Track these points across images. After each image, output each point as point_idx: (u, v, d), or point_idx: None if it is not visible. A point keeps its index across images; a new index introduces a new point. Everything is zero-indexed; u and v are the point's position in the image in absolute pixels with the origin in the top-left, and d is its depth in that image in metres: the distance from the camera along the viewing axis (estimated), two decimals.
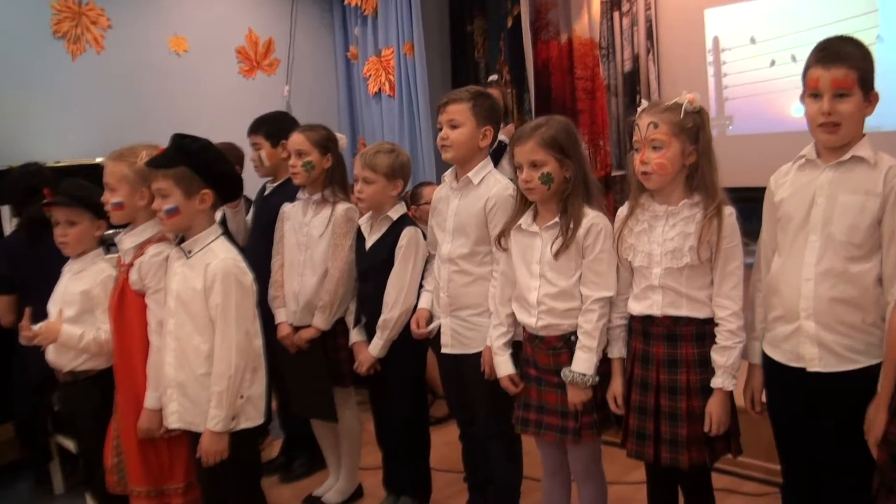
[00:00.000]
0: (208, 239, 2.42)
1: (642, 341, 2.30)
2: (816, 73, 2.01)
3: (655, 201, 2.27)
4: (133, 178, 2.54)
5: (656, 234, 2.24)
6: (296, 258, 3.13)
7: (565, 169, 2.35)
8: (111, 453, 2.63)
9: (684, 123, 2.17)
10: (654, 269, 2.24)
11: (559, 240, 2.36)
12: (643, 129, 2.20)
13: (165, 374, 2.43)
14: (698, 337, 2.23)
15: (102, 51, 4.86)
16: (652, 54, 5.28)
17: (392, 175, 2.93)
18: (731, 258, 2.19)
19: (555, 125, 2.38)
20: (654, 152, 2.19)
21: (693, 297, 2.22)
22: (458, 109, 2.65)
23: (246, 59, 5.55)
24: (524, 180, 2.37)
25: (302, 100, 5.70)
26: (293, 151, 3.10)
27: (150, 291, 2.50)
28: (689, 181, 2.23)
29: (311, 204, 3.13)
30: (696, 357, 2.22)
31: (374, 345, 2.94)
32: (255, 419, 2.42)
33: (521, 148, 2.37)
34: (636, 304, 2.30)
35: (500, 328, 2.55)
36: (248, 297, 2.40)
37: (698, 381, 2.22)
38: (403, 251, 2.90)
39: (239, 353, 2.33)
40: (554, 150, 2.34)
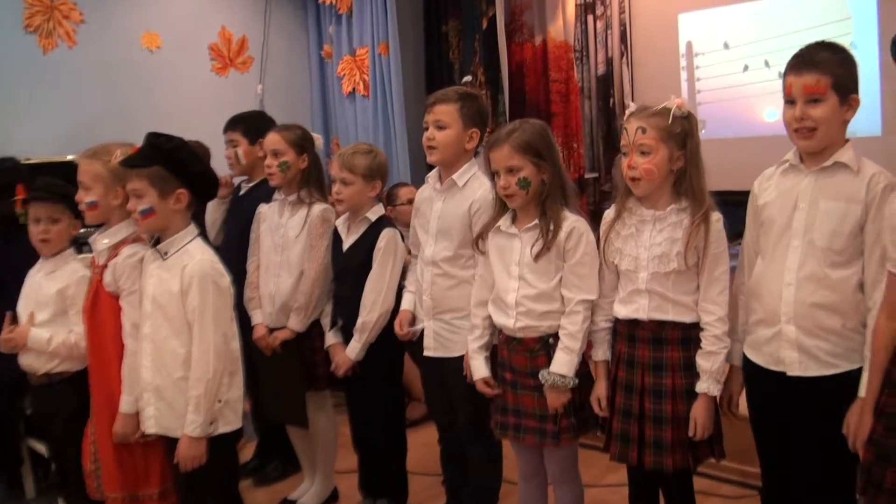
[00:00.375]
0: (185, 240, 2.39)
1: (627, 345, 2.30)
2: (790, 79, 2.04)
3: (643, 206, 2.27)
4: (107, 177, 2.50)
5: (643, 239, 2.25)
6: (272, 259, 3.10)
7: (542, 172, 2.36)
8: (89, 459, 2.59)
9: (672, 129, 2.17)
10: (640, 273, 2.24)
11: (539, 242, 2.35)
12: (631, 133, 2.20)
13: (142, 377, 2.39)
14: (684, 341, 2.23)
15: (75, 46, 4.76)
16: (626, 58, 5.30)
17: (370, 176, 2.91)
18: (718, 264, 2.20)
19: (529, 129, 2.38)
20: (642, 157, 2.19)
21: (679, 302, 2.22)
22: (446, 110, 2.63)
23: (219, 57, 5.47)
24: (502, 187, 2.37)
25: (275, 98, 5.63)
26: (269, 151, 3.08)
27: (125, 293, 2.47)
28: (677, 186, 2.23)
29: (287, 205, 3.10)
30: (681, 361, 2.23)
31: (352, 347, 2.92)
32: (233, 423, 2.39)
33: (497, 153, 2.37)
34: (622, 307, 2.31)
35: (475, 331, 2.55)
36: (226, 299, 2.37)
37: (683, 384, 2.22)
38: (382, 253, 2.88)
39: (217, 357, 2.30)
40: (529, 153, 2.34)
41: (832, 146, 2.06)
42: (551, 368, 2.34)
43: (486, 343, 2.54)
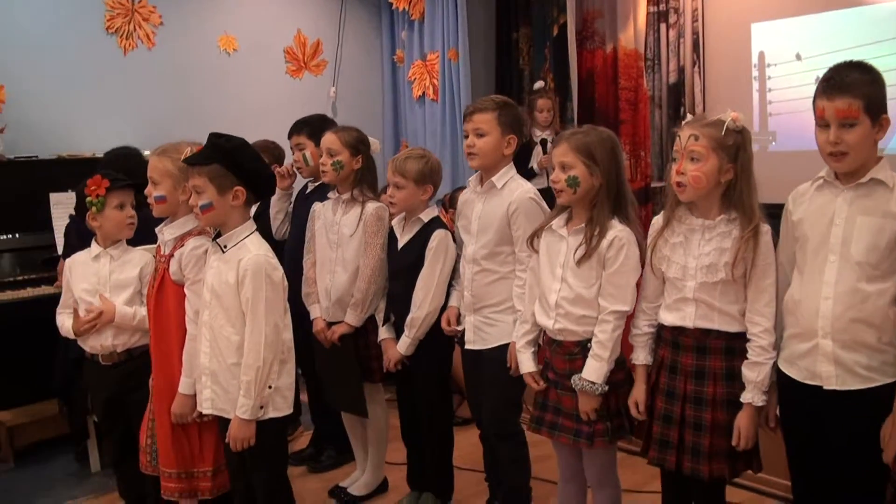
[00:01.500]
0: (242, 234, 2.48)
1: (671, 351, 2.33)
2: (821, 103, 2.03)
3: (693, 214, 2.29)
4: (176, 174, 2.62)
5: (692, 248, 2.27)
6: (327, 256, 3.19)
7: (594, 177, 2.38)
8: (146, 434, 2.73)
9: (725, 140, 2.20)
10: (688, 282, 2.27)
11: (582, 247, 2.39)
12: (684, 139, 2.24)
13: (200, 362, 2.49)
14: (727, 351, 2.25)
15: (153, 47, 4.96)
16: (697, 67, 5.28)
17: (421, 180, 2.99)
18: (766, 275, 2.21)
19: (592, 134, 2.43)
20: (692, 164, 2.22)
21: (725, 312, 2.24)
22: (484, 119, 2.73)
23: (294, 60, 5.62)
24: (553, 180, 2.43)
25: (347, 101, 5.75)
26: (325, 150, 3.18)
27: (189, 282, 2.58)
28: (726, 198, 2.25)
29: (341, 203, 3.19)
30: (724, 370, 2.25)
31: (402, 342, 3.00)
32: (282, 409, 2.47)
33: (556, 150, 2.44)
34: (668, 314, 2.33)
35: (524, 325, 2.60)
36: (278, 292, 2.44)
37: (724, 394, 2.24)
38: (433, 253, 2.96)
39: (267, 346, 2.38)
40: (584, 155, 2.38)
41: (866, 164, 2.06)
42: (582, 374, 2.38)
43: (535, 339, 2.58)
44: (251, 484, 2.54)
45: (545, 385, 2.53)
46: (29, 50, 4.51)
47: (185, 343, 2.59)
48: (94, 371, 2.95)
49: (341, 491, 3.43)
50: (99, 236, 2.93)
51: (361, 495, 3.40)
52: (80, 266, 2.93)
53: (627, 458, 2.98)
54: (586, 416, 2.39)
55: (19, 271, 4.03)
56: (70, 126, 4.61)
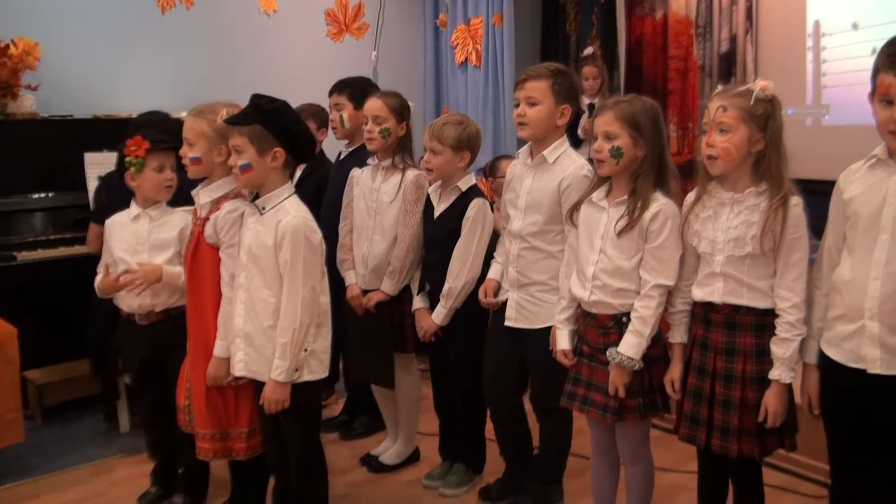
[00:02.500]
0: (281, 197, 2.51)
1: (703, 327, 2.36)
2: (888, 79, 1.99)
3: (723, 188, 2.31)
4: (212, 135, 2.65)
5: (721, 222, 2.29)
6: (365, 223, 3.23)
7: (638, 147, 2.40)
8: (183, 394, 2.80)
9: (754, 110, 2.20)
10: (716, 256, 2.29)
11: (624, 219, 2.41)
12: (712, 111, 2.25)
13: (235, 324, 2.54)
14: (757, 327, 2.27)
15: (192, 7, 5.00)
16: (750, 35, 5.18)
17: (458, 147, 3.01)
18: (795, 249, 2.22)
19: (637, 104, 2.43)
20: (721, 135, 2.23)
21: (754, 287, 2.26)
22: (537, 87, 2.70)
23: (335, 22, 5.64)
24: (595, 150, 2.43)
25: (389, 65, 5.75)
26: (371, 117, 3.18)
27: (224, 246, 2.63)
28: (756, 169, 2.26)
29: (381, 170, 3.22)
30: (753, 347, 2.27)
31: (438, 313, 3.05)
32: (317, 372, 2.52)
33: (600, 118, 2.44)
34: (698, 290, 2.36)
35: (562, 302, 2.63)
36: (317, 255, 2.48)
37: (754, 371, 2.26)
38: (471, 222, 3.00)
39: (304, 308, 2.43)
40: (629, 125, 2.39)
41: None
42: (619, 348, 2.40)
43: (573, 315, 2.60)
44: (284, 447, 2.61)
45: (576, 361, 2.57)
46: (65, 8, 4.58)
47: (219, 306, 2.63)
48: (130, 331, 3.02)
49: (372, 459, 3.50)
50: (138, 197, 3.00)
51: (393, 464, 3.47)
52: (119, 227, 3.00)
53: (664, 437, 3.01)
54: (614, 390, 2.43)
55: (52, 230, 4.10)
56: (106, 86, 4.68)
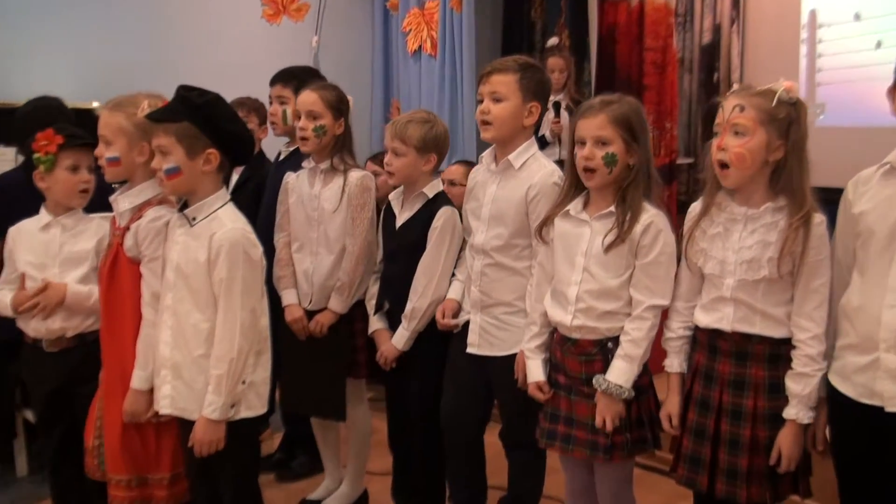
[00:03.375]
0: (214, 205, 2.45)
1: (707, 356, 2.32)
2: None
3: (734, 201, 2.27)
4: (132, 132, 2.57)
5: (732, 240, 2.26)
6: (307, 235, 3.16)
7: (630, 154, 2.38)
8: (93, 434, 2.68)
9: (775, 113, 2.17)
10: (726, 279, 2.26)
11: (613, 232, 2.37)
12: (727, 110, 2.21)
13: (160, 353, 2.47)
14: (771, 358, 2.24)
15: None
16: (737, 25, 5.21)
17: (424, 148, 2.97)
18: (817, 273, 2.19)
19: (626, 105, 2.42)
20: (736, 138, 2.20)
21: (769, 314, 2.23)
22: (504, 81, 2.68)
23: (271, 2, 5.58)
24: (585, 157, 2.39)
25: (331, 53, 5.68)
26: (303, 112, 3.10)
27: (146, 259, 2.54)
28: (774, 181, 2.23)
29: (319, 173, 3.14)
30: (766, 380, 2.24)
31: (399, 336, 2.99)
32: (256, 408, 2.46)
33: (589, 121, 2.40)
34: (704, 315, 2.32)
35: (532, 328, 2.60)
36: (257, 272, 2.44)
37: (766, 407, 2.24)
38: (438, 233, 2.95)
39: (243, 334, 2.37)
40: (624, 130, 2.37)
41: None
42: (607, 376, 2.37)
43: (545, 342, 2.57)
44: (216, 494, 2.53)
45: (552, 394, 2.53)
46: None
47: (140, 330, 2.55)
48: (35, 358, 2.88)
49: None
50: (48, 202, 2.87)
51: None
52: (27, 236, 2.87)
53: (646, 476, 3.01)
54: (602, 423, 2.38)
55: None
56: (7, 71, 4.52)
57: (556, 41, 5.50)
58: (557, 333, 2.52)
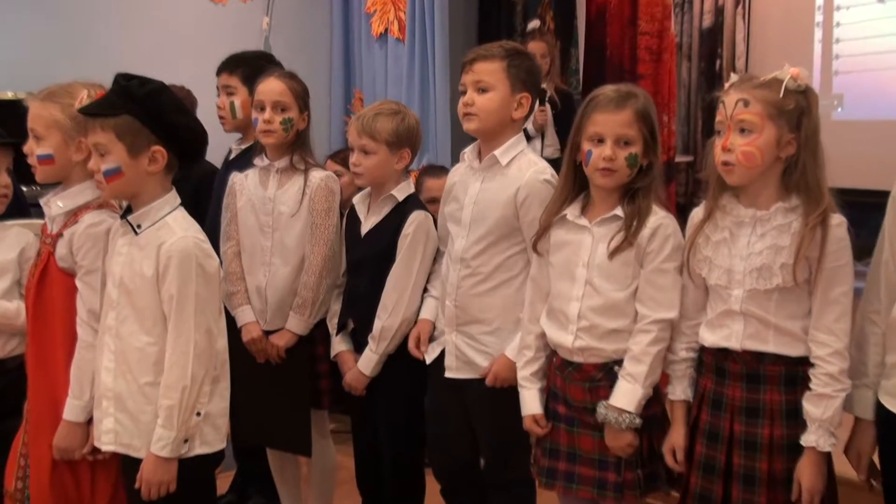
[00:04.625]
0: (162, 211, 2.44)
1: (714, 380, 2.33)
2: None
3: (741, 203, 2.30)
4: (67, 125, 2.55)
5: (739, 246, 2.27)
6: (258, 244, 3.16)
7: (647, 155, 2.41)
8: (14, 476, 2.65)
9: (784, 104, 2.19)
10: (734, 289, 2.27)
11: (620, 235, 2.39)
12: (730, 106, 2.24)
13: (100, 381, 2.45)
14: (788, 380, 2.25)
15: None
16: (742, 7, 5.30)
17: (396, 143, 2.98)
18: (837, 281, 2.20)
19: (643, 98, 2.44)
20: (742, 136, 2.22)
21: (783, 329, 2.24)
22: (489, 69, 2.71)
23: None
24: (606, 158, 2.39)
25: (284, 37, 5.69)
26: (269, 103, 3.10)
27: (83, 272, 2.52)
28: (786, 179, 2.25)
29: (275, 173, 3.15)
30: (783, 405, 2.25)
31: (367, 360, 2.99)
32: (212, 443, 2.45)
33: (610, 117, 2.41)
34: (709, 332, 2.34)
35: (526, 353, 2.60)
36: (213, 287, 2.43)
37: (784, 436, 2.24)
38: (409, 241, 2.95)
39: (197, 358, 2.36)
40: (646, 128, 2.40)
41: None
42: (610, 401, 2.38)
43: (541, 368, 2.58)
44: None
45: (550, 427, 2.54)
46: None
47: (74, 353, 2.53)
48: None
49: None
50: None
51: None
52: None
53: None
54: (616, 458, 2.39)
55: None
56: None
57: (537, 24, 5.56)
58: (557, 357, 2.53)
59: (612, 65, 5.58)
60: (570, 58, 5.82)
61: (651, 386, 2.39)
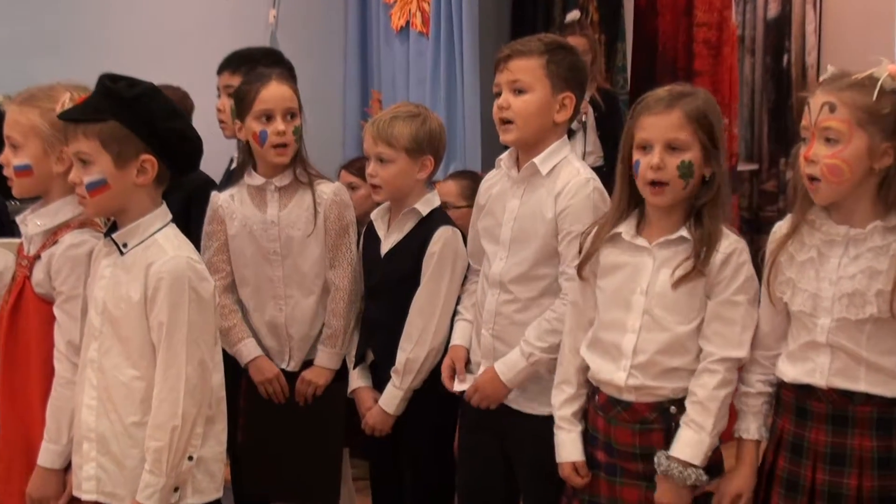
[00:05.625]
0: (152, 227, 2.45)
1: (795, 421, 2.33)
2: None
3: (832, 219, 2.29)
4: (48, 133, 2.57)
5: (829, 268, 2.26)
6: (265, 276, 3.16)
7: (709, 164, 2.39)
8: None
9: (878, 109, 2.18)
10: (820, 318, 2.26)
11: (688, 263, 2.37)
12: (815, 110, 2.23)
13: (81, 421, 2.44)
14: (881, 423, 2.23)
15: None
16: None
17: (417, 150, 3.00)
18: None
19: (702, 98, 2.43)
20: (827, 146, 2.22)
21: (877, 366, 2.23)
22: (527, 67, 2.71)
23: None
24: (654, 167, 2.39)
25: (292, 31, 5.68)
26: (279, 111, 3.08)
27: (62, 299, 2.54)
28: (884, 194, 2.24)
29: (272, 191, 3.13)
30: (874, 452, 2.23)
31: (390, 397, 3.00)
32: (207, 492, 2.46)
33: (658, 119, 2.41)
34: (790, 366, 2.34)
35: (566, 389, 2.60)
36: (207, 313, 2.44)
37: (876, 488, 2.23)
38: (436, 260, 2.97)
39: (190, 395, 2.36)
40: (704, 132, 2.38)
41: None
42: (671, 451, 2.36)
43: (582, 408, 2.59)
44: None
45: (590, 477, 2.55)
46: None
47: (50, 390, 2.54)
48: None
49: None
50: None
51: None
52: None
53: None
54: None
55: None
56: None
57: (576, 15, 5.53)
58: (600, 395, 2.51)
59: (664, 61, 5.59)
60: (616, 54, 5.79)
61: (718, 435, 2.38)
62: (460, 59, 5.50)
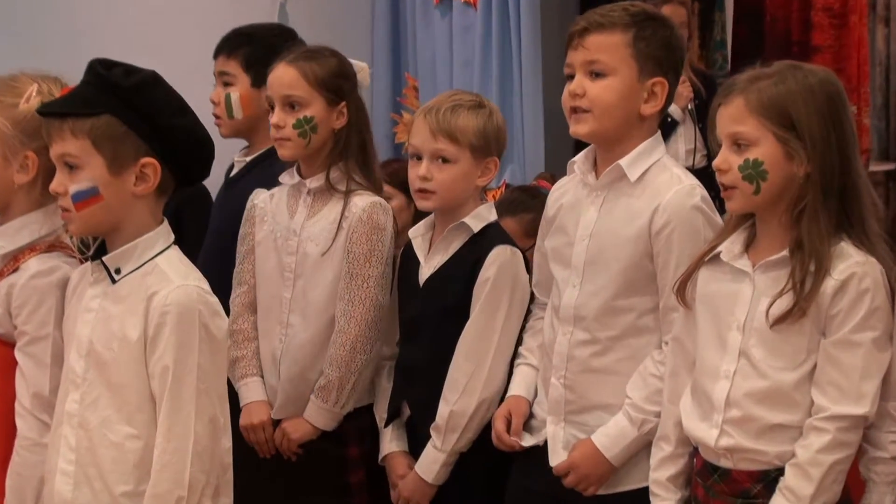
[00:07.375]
0: (152, 249, 2.47)
1: None
2: None
3: None
4: (9, 134, 2.59)
5: None
6: (277, 295, 3.21)
7: (796, 161, 2.35)
8: None
9: None
10: None
11: (788, 296, 2.34)
12: None
13: (54, 493, 2.43)
14: None
15: None
16: None
17: (483, 148, 3.02)
18: None
19: (792, 78, 2.39)
20: None
21: None
22: (608, 44, 2.70)
23: None
24: (718, 168, 2.41)
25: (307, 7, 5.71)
26: (277, 99, 3.15)
27: (26, 340, 2.56)
28: None
29: (305, 194, 3.18)
30: None
31: (430, 460, 3.00)
32: None
33: (723, 110, 2.43)
34: None
35: (664, 447, 2.62)
36: (220, 359, 2.47)
37: None
38: (490, 288, 2.96)
39: (198, 458, 2.36)
40: (775, 121, 2.36)
41: None
42: None
43: (684, 472, 2.59)
44: None
45: None
46: None
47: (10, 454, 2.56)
48: None
49: None
50: None
51: None
52: None
53: None
54: None
55: None
56: None
57: None
58: (698, 458, 2.53)
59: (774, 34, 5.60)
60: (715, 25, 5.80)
61: None
62: (517, 36, 5.54)
